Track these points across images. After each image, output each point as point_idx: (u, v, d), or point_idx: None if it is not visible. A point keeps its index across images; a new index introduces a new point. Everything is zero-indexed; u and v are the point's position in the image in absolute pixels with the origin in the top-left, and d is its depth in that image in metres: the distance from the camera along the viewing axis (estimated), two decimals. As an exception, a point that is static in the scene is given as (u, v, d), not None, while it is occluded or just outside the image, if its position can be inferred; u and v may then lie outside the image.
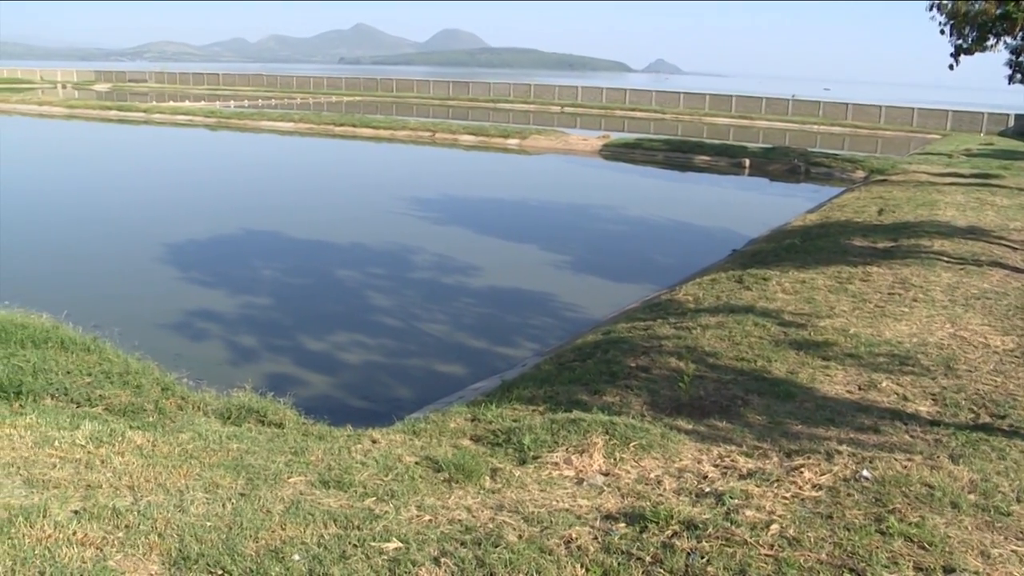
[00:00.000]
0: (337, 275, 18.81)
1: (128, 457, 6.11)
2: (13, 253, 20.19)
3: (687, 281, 16.14)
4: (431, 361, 13.49)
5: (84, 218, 25.19)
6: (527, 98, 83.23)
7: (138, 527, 4.77)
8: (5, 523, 4.62)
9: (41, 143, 49.58)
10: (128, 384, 8.52)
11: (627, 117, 71.74)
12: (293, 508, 5.24)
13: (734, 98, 75.11)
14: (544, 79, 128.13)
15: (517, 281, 18.52)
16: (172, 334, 14.16)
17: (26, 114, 64.32)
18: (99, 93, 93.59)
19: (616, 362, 10.04)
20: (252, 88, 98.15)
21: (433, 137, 49.19)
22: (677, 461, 6.39)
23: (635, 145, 45.25)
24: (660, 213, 28.11)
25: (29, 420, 6.86)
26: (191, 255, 20.13)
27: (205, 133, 53.53)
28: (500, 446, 6.85)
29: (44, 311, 10.33)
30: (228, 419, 7.86)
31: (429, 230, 23.97)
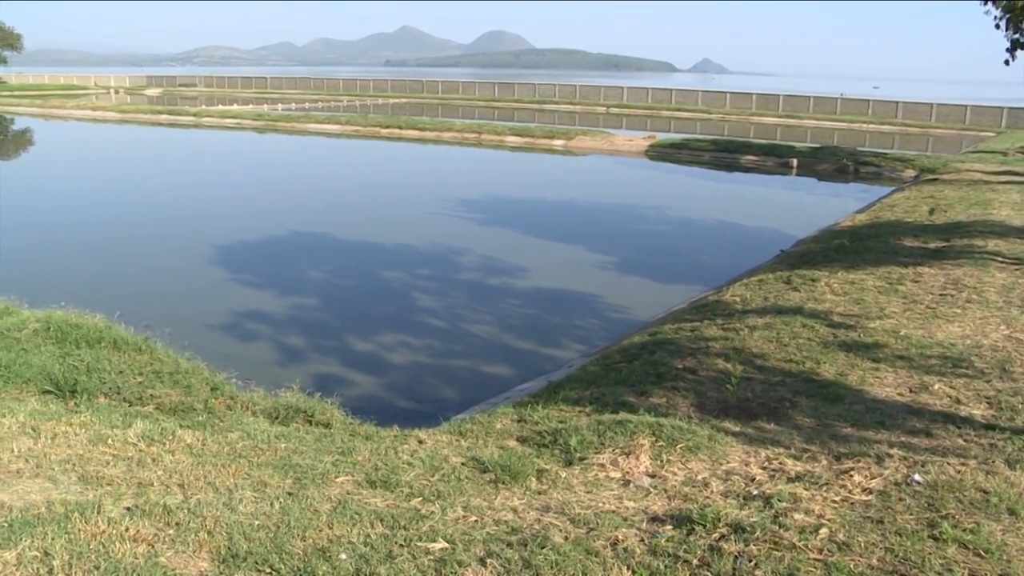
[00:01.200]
0: (384, 276, 18.93)
1: (179, 456, 6.20)
2: (69, 255, 20.62)
3: (734, 282, 16.00)
4: (477, 362, 13.52)
5: (136, 220, 25.61)
6: (572, 99, 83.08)
7: (188, 524, 4.83)
8: (61, 518, 4.71)
9: (95, 147, 50.53)
10: (178, 384, 8.65)
11: (673, 117, 71.35)
12: (340, 507, 5.28)
13: (781, 97, 74.36)
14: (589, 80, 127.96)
15: (563, 282, 18.50)
16: (221, 334, 14.34)
17: (81, 119, 65.56)
18: (150, 98, 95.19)
19: (663, 363, 9.98)
20: (299, 91, 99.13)
21: (479, 138, 49.29)
22: (724, 463, 6.34)
23: (681, 145, 44.94)
24: (706, 213, 27.91)
25: (83, 418, 6.99)
26: (240, 256, 20.38)
27: (253, 136, 54.15)
28: (546, 447, 6.84)
29: (98, 311, 10.52)
30: (276, 419, 7.94)
31: (475, 231, 24.04)
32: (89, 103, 76.88)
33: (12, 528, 4.54)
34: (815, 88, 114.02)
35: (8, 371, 8.17)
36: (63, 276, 18.15)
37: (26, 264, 19.38)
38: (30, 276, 17.52)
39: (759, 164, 40.60)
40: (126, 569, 4.25)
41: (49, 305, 10.86)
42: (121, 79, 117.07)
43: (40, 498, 5.08)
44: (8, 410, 7.06)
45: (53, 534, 4.50)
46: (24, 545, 4.37)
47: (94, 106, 73.12)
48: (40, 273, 18.38)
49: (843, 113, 68.40)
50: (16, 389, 7.99)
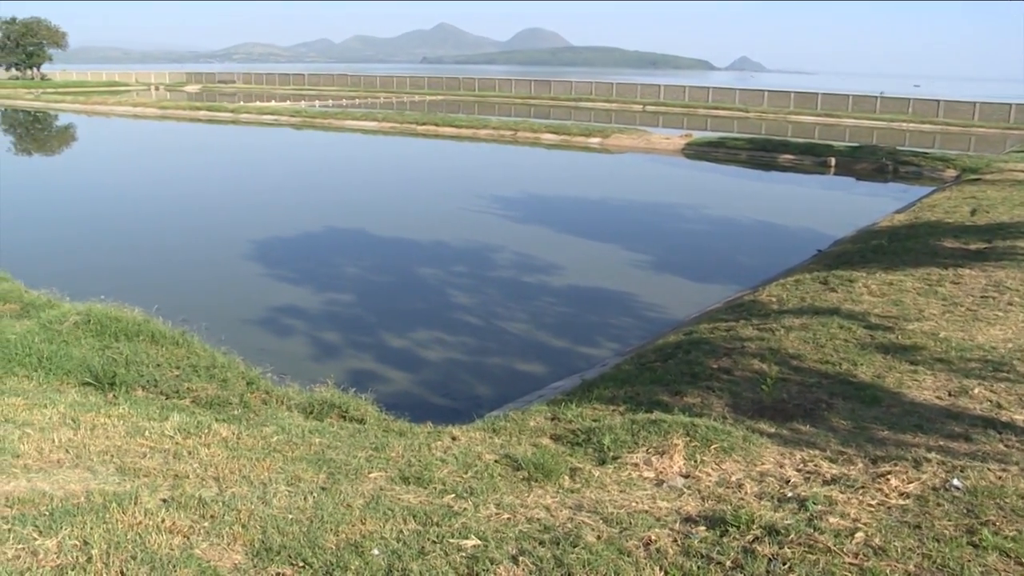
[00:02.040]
0: (419, 273, 18.99)
1: (214, 449, 6.26)
2: (110, 249, 20.91)
3: (770, 282, 15.89)
4: (511, 359, 13.52)
5: (175, 215, 25.91)
6: (609, 97, 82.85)
7: (223, 517, 4.88)
8: (100, 508, 4.78)
9: (135, 143, 51.13)
10: (215, 377, 8.75)
11: (710, 116, 70.92)
12: (373, 503, 5.30)
13: (820, 96, 73.62)
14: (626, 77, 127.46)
15: (598, 280, 18.46)
16: (257, 329, 14.47)
17: (122, 115, 66.42)
18: (189, 94, 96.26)
19: (698, 363, 9.93)
20: (336, 88, 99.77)
21: (515, 136, 49.28)
22: (759, 465, 6.29)
23: (718, 144, 44.67)
24: (743, 213, 27.70)
25: (122, 410, 7.09)
26: (277, 252, 20.55)
27: (290, 132, 54.54)
28: (580, 446, 6.83)
29: (136, 305, 10.66)
30: (310, 414, 8.00)
31: (510, 229, 24.05)
32: (130, 99, 77.87)
33: (53, 516, 4.62)
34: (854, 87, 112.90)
35: (50, 363, 8.30)
36: (103, 270, 18.40)
37: (68, 257, 19.67)
38: (71, 269, 17.77)
39: (796, 163, 40.25)
40: (162, 560, 4.30)
41: (89, 298, 11.03)
42: (161, 76, 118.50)
43: (79, 488, 5.15)
44: (49, 401, 7.18)
45: (92, 523, 4.57)
46: (64, 533, 4.45)
47: (135, 102, 74.02)
48: (81, 266, 18.64)
49: (883, 112, 67.59)
50: (57, 380, 8.12)
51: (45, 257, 19.33)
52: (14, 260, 15.64)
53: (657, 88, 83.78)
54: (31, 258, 18.56)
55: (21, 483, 5.18)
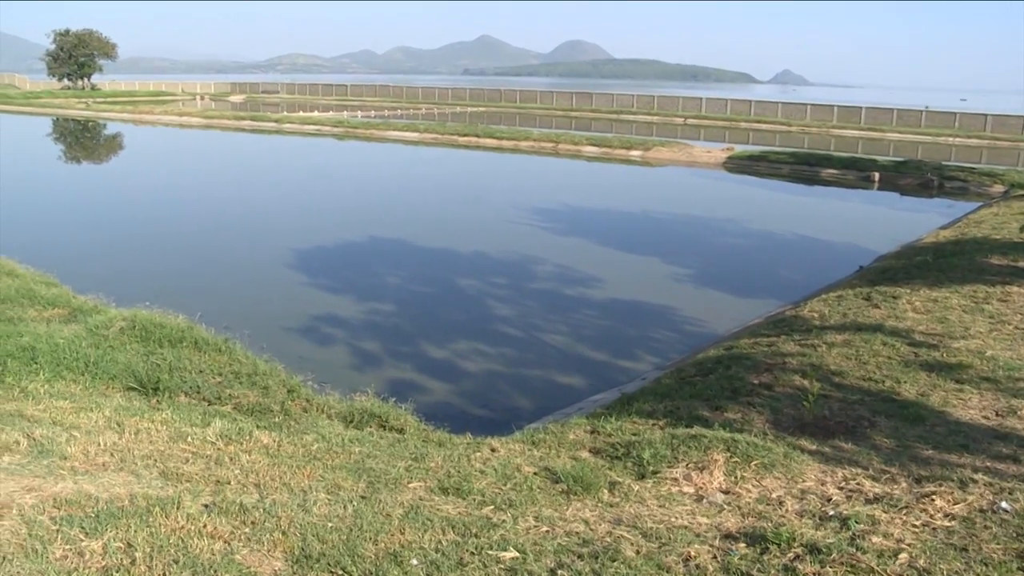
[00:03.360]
0: (459, 283, 19.04)
1: (255, 456, 6.32)
2: (155, 255, 21.20)
3: (812, 297, 15.74)
4: (550, 371, 13.51)
5: (218, 223, 26.23)
6: (650, 109, 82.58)
7: (264, 524, 4.93)
8: (144, 512, 4.85)
9: (180, 152, 51.84)
10: (256, 385, 8.83)
11: (752, 129, 70.43)
12: (412, 513, 5.32)
13: (863, 110, 72.78)
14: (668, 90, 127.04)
15: (638, 294, 18.40)
16: (298, 337, 14.58)
17: (168, 124, 67.38)
18: (234, 104, 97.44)
19: (738, 378, 9.86)
20: (379, 99, 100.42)
21: (556, 148, 49.30)
22: (800, 482, 6.23)
23: (760, 158, 44.34)
24: (784, 227, 27.48)
25: (165, 416, 7.18)
26: (318, 261, 20.71)
27: (333, 143, 55.00)
28: (619, 459, 6.81)
29: (180, 312, 10.80)
30: (351, 423, 8.05)
31: (551, 241, 24.05)
32: (176, 109, 78.96)
33: (99, 519, 4.69)
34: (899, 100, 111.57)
35: (96, 367, 8.43)
36: (148, 276, 18.66)
37: (115, 263, 19.97)
38: (118, 275, 18.04)
39: (839, 178, 39.83)
40: (203, 564, 4.36)
41: (135, 304, 11.19)
42: (207, 86, 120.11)
43: (124, 491, 5.22)
44: (95, 405, 7.29)
45: (136, 527, 4.64)
46: (109, 536, 4.52)
47: (180, 112, 75.05)
48: (127, 272, 18.91)
49: (928, 126, 66.65)
50: (103, 385, 8.24)
51: (93, 263, 19.65)
52: (63, 265, 15.89)
53: (699, 101, 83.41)
54: (79, 263, 18.84)
55: (68, 485, 5.27)
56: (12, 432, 6.12)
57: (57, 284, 13.46)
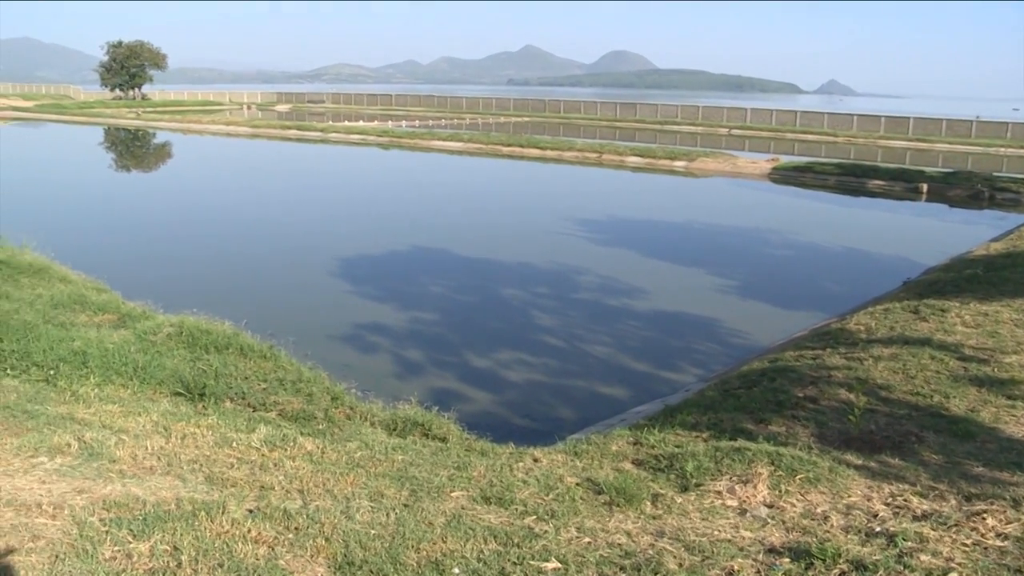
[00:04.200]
0: (502, 293, 19.08)
1: (299, 462, 6.37)
2: (201, 263, 21.49)
3: (858, 310, 15.55)
4: (593, 382, 13.47)
5: (264, 232, 26.52)
6: (695, 120, 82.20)
7: (307, 530, 4.97)
8: (189, 515, 4.92)
9: (227, 161, 52.55)
10: (300, 392, 8.91)
11: (797, 140, 69.71)
12: (454, 522, 5.33)
13: (911, 120, 71.84)
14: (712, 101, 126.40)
15: (681, 305, 18.31)
16: (342, 345, 14.68)
17: (215, 134, 68.32)
18: (280, 113, 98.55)
19: (783, 391, 9.76)
20: (423, 108, 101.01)
21: (600, 158, 49.24)
22: (845, 497, 6.14)
23: (806, 168, 43.94)
24: (830, 239, 27.18)
25: (211, 421, 7.28)
26: (362, 270, 20.86)
27: (377, 152, 55.41)
28: (662, 471, 6.77)
29: (226, 318, 10.94)
30: (394, 431, 8.08)
31: (594, 251, 24.02)
32: (223, 118, 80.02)
33: (146, 521, 4.77)
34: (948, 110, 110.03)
35: (144, 372, 8.56)
36: (195, 282, 18.91)
37: (162, 270, 20.25)
38: (165, 281, 18.29)
39: (887, 189, 39.34)
40: (247, 569, 4.40)
41: (182, 310, 11.35)
42: (253, 95, 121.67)
43: (170, 495, 5.30)
44: (143, 409, 7.40)
45: (182, 530, 4.71)
46: (156, 538, 4.59)
47: (227, 121, 76.04)
48: (174, 279, 19.17)
49: (979, 136, 65.56)
50: (151, 390, 8.37)
51: (141, 269, 19.94)
52: (113, 271, 16.17)
53: (744, 112, 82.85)
54: (129, 270, 19.15)
55: (117, 487, 5.36)
56: (64, 435, 6.23)
57: (107, 290, 13.70)
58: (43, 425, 6.53)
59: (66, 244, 18.09)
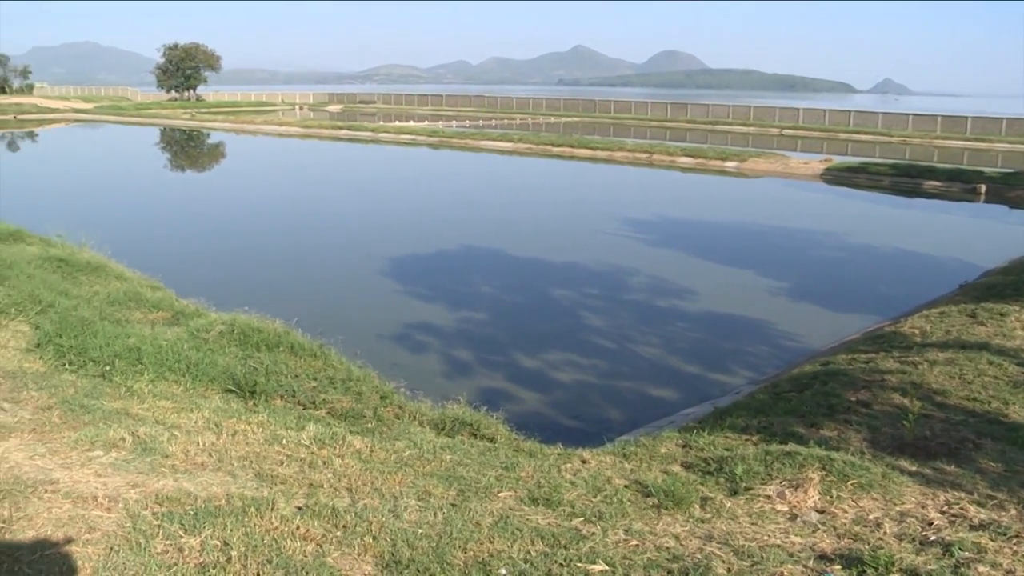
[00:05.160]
0: (551, 293, 19.06)
1: (348, 460, 6.40)
2: (253, 261, 21.76)
3: (913, 313, 15.28)
4: (642, 384, 13.40)
5: (315, 231, 26.78)
6: (746, 120, 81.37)
7: (355, 528, 4.99)
8: (239, 511, 4.97)
9: (279, 161, 53.15)
10: (350, 390, 8.96)
11: (851, 140, 68.64)
12: (502, 522, 5.32)
13: (969, 119, 70.26)
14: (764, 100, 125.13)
15: (732, 306, 18.13)
16: (391, 344, 14.76)
17: (268, 134, 69.19)
18: (331, 114, 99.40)
19: (834, 395, 9.62)
20: (473, 108, 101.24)
21: (650, 159, 48.98)
22: (899, 504, 6.03)
23: (859, 169, 43.30)
24: (884, 241, 26.74)
25: (261, 418, 7.34)
26: (412, 269, 20.96)
27: (428, 152, 55.67)
28: (711, 475, 6.70)
29: (277, 317, 11.04)
30: (442, 430, 8.10)
31: (644, 252, 23.91)
32: (275, 119, 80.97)
33: (197, 516, 4.83)
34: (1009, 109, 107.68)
35: (196, 369, 8.67)
36: (247, 281, 19.15)
37: (215, 268, 20.57)
38: (218, 280, 18.56)
39: (943, 190, 38.60)
40: (296, 566, 4.44)
41: (234, 308, 11.49)
42: (306, 96, 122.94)
43: (221, 491, 5.36)
44: (195, 406, 7.50)
45: (232, 526, 4.76)
46: (207, 533, 4.65)
47: (280, 121, 76.92)
48: (227, 277, 19.47)
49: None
50: (202, 387, 8.47)
51: (195, 267, 20.26)
52: (167, 269, 16.41)
53: (796, 111, 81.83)
54: (182, 268, 19.44)
55: (169, 482, 5.43)
56: (119, 429, 6.34)
57: (161, 288, 13.92)
58: (99, 419, 6.65)
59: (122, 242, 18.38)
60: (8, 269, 11.71)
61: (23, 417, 6.55)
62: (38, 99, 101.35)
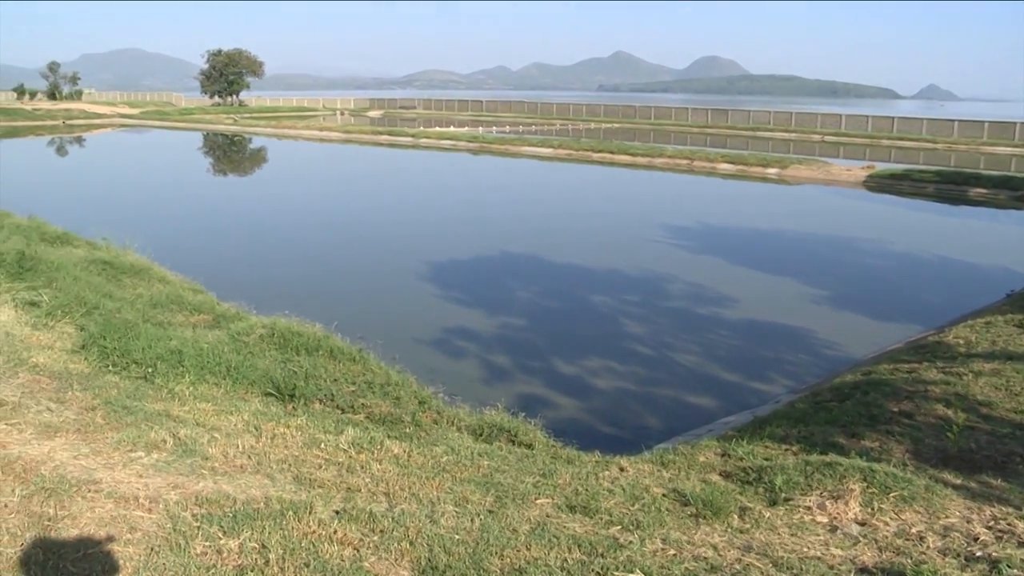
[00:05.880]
0: (590, 299, 19.01)
1: (385, 465, 6.42)
2: (293, 265, 21.93)
3: (957, 323, 15.05)
4: (680, 391, 13.31)
5: (354, 236, 26.96)
6: (788, 126, 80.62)
7: (392, 533, 5.00)
8: (277, 515, 5.00)
9: (319, 165, 53.60)
10: (388, 395, 8.98)
11: (894, 146, 67.72)
12: (539, 529, 5.30)
13: (1018, 125, 68.84)
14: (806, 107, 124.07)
15: (772, 314, 17.96)
16: (430, 349, 14.80)
17: (309, 139, 69.78)
18: (372, 119, 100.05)
19: (876, 405, 9.49)
20: (513, 114, 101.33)
21: (690, 165, 48.72)
22: (943, 518, 5.92)
23: (903, 176, 42.73)
24: (928, 249, 26.39)
25: (300, 421, 7.39)
26: (450, 275, 21.01)
27: (468, 157, 55.80)
28: (750, 484, 6.63)
29: (317, 321, 11.12)
30: (480, 436, 8.10)
31: (684, 258, 23.78)
32: (317, 124, 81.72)
33: (236, 519, 4.86)
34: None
35: (237, 372, 8.75)
36: (287, 285, 19.30)
37: (256, 272, 20.75)
38: (258, 283, 18.73)
39: (990, 197, 37.98)
40: (333, 570, 4.46)
41: (274, 312, 11.59)
42: (347, 101, 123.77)
43: (259, 493, 5.40)
44: (235, 408, 7.56)
45: (270, 529, 4.79)
46: (245, 536, 4.68)
47: (321, 127, 77.60)
48: (267, 281, 19.62)
49: (1093, 142, 62.64)
50: (243, 389, 8.54)
51: (235, 271, 20.46)
52: (208, 272, 16.62)
53: (838, 118, 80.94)
54: (224, 271, 19.66)
55: (208, 484, 5.48)
56: (160, 431, 6.41)
57: (203, 291, 14.08)
58: (141, 421, 6.73)
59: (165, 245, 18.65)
60: (56, 271, 11.89)
61: (68, 417, 6.64)
62: (86, 104, 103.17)
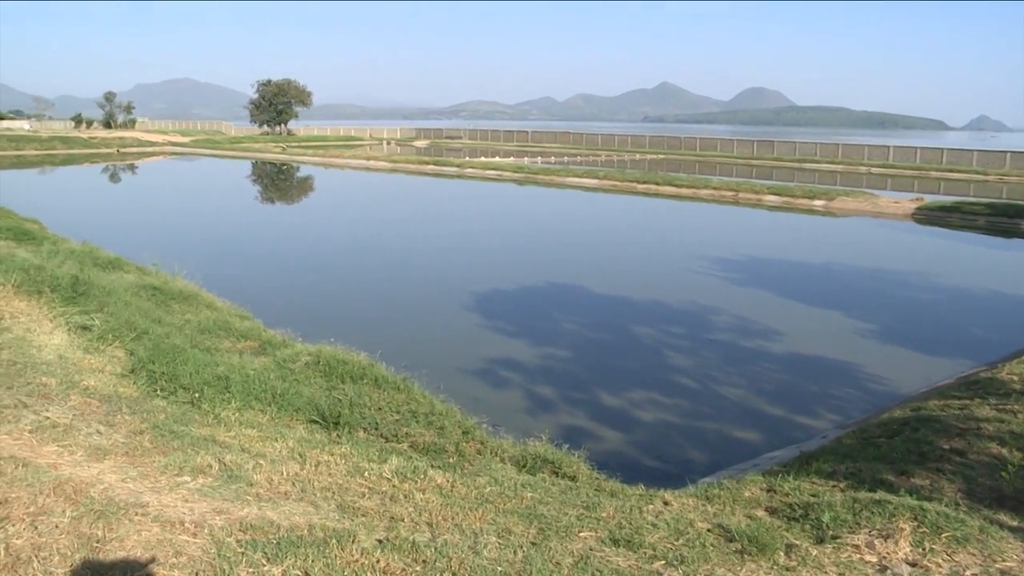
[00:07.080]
0: (635, 331, 18.91)
1: (429, 495, 6.41)
2: (339, 293, 22.11)
3: (1012, 359, 14.74)
4: (725, 425, 13.16)
5: (400, 265, 27.11)
6: (834, 158, 79.97)
7: (434, 563, 4.98)
8: (321, 542, 5.01)
9: (366, 194, 54.13)
10: (432, 424, 8.98)
11: (943, 178, 66.85)
12: (582, 563, 5.26)
13: (1074, 156, 67.90)
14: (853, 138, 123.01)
15: (818, 348, 17.73)
16: (474, 379, 14.80)
17: (356, 168, 70.53)
18: (418, 149, 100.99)
19: (926, 442, 9.31)
20: (559, 145, 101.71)
21: (736, 197, 48.47)
22: (999, 561, 5.77)
23: (952, 208, 42.14)
24: (979, 283, 25.94)
25: (344, 450, 7.42)
26: (495, 305, 21.04)
27: (513, 188, 56.00)
28: (796, 521, 6.53)
29: (362, 349, 11.17)
30: (523, 467, 8.06)
31: (729, 291, 23.59)
32: (363, 153, 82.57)
33: (279, 546, 4.88)
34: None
35: (282, 399, 8.81)
36: (333, 313, 19.46)
37: (302, 299, 20.94)
38: (305, 310, 18.91)
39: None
40: (376, 600, 4.45)
41: (320, 340, 11.67)
42: (393, 131, 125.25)
43: (303, 521, 5.41)
44: (280, 435, 7.61)
45: (313, 556, 4.79)
46: (288, 563, 4.69)
47: (367, 156, 78.39)
48: (313, 308, 19.80)
49: None
50: (288, 416, 8.60)
51: (283, 298, 20.66)
52: (255, 299, 16.79)
53: (886, 149, 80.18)
54: (270, 298, 19.86)
55: (253, 510, 5.51)
56: (206, 456, 6.47)
57: (250, 317, 14.23)
58: (187, 445, 6.79)
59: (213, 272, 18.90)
60: (107, 296, 12.09)
61: (117, 440, 6.73)
62: (139, 133, 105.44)
